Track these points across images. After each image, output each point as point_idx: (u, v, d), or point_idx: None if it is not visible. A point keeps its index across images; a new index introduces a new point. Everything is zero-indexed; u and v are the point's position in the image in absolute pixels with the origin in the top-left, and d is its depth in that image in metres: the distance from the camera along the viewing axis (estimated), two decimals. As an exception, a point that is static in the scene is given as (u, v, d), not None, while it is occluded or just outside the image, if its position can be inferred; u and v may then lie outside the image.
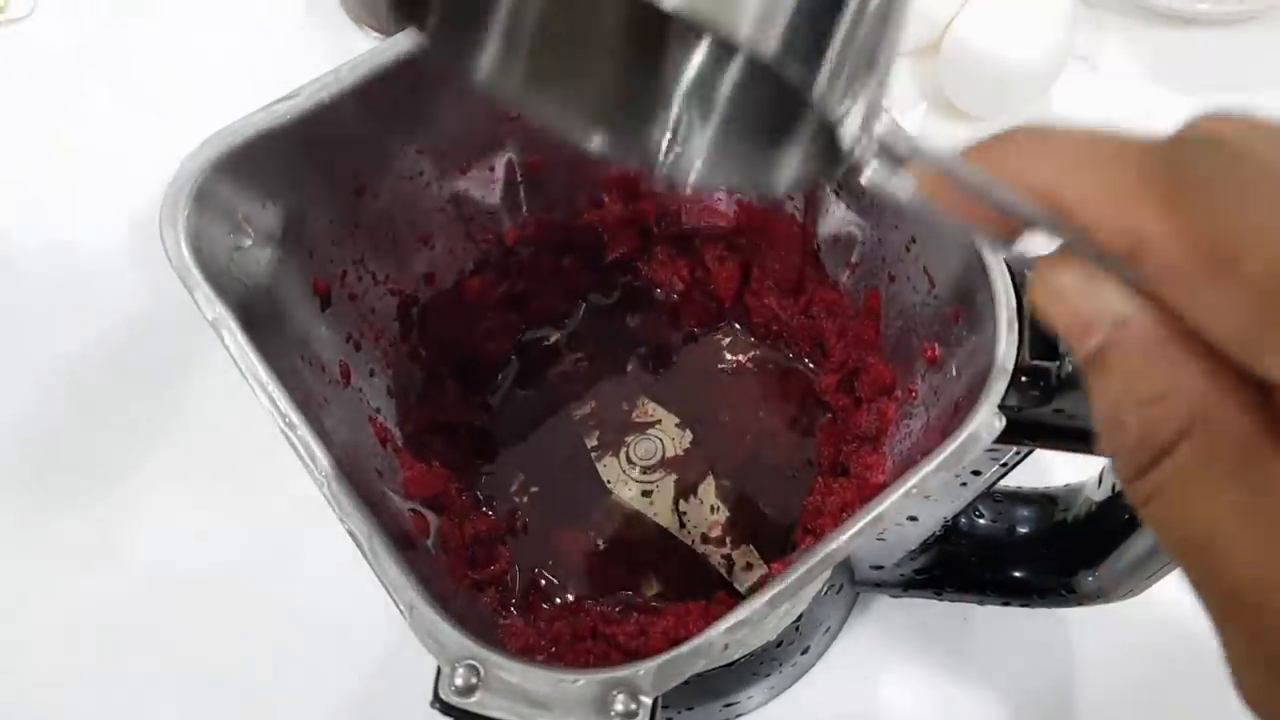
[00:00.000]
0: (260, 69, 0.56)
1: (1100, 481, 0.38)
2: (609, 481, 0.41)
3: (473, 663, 0.24)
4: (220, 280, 0.28)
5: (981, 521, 0.41)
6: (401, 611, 0.25)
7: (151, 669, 0.44)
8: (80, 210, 0.54)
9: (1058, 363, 0.27)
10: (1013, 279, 0.28)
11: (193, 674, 0.43)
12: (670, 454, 0.42)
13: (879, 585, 0.43)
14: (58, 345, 0.50)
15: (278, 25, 0.59)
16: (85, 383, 0.49)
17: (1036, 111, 0.54)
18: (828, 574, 0.30)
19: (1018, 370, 0.27)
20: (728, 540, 0.40)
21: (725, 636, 0.25)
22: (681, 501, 0.41)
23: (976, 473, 0.32)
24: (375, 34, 0.57)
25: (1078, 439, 0.28)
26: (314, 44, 0.58)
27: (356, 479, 0.27)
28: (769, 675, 0.42)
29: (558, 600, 0.38)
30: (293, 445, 0.26)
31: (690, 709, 0.41)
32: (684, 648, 0.25)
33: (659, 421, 0.42)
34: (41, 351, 0.50)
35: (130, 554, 0.45)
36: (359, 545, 0.26)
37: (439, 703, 0.24)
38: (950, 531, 0.40)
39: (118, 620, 0.44)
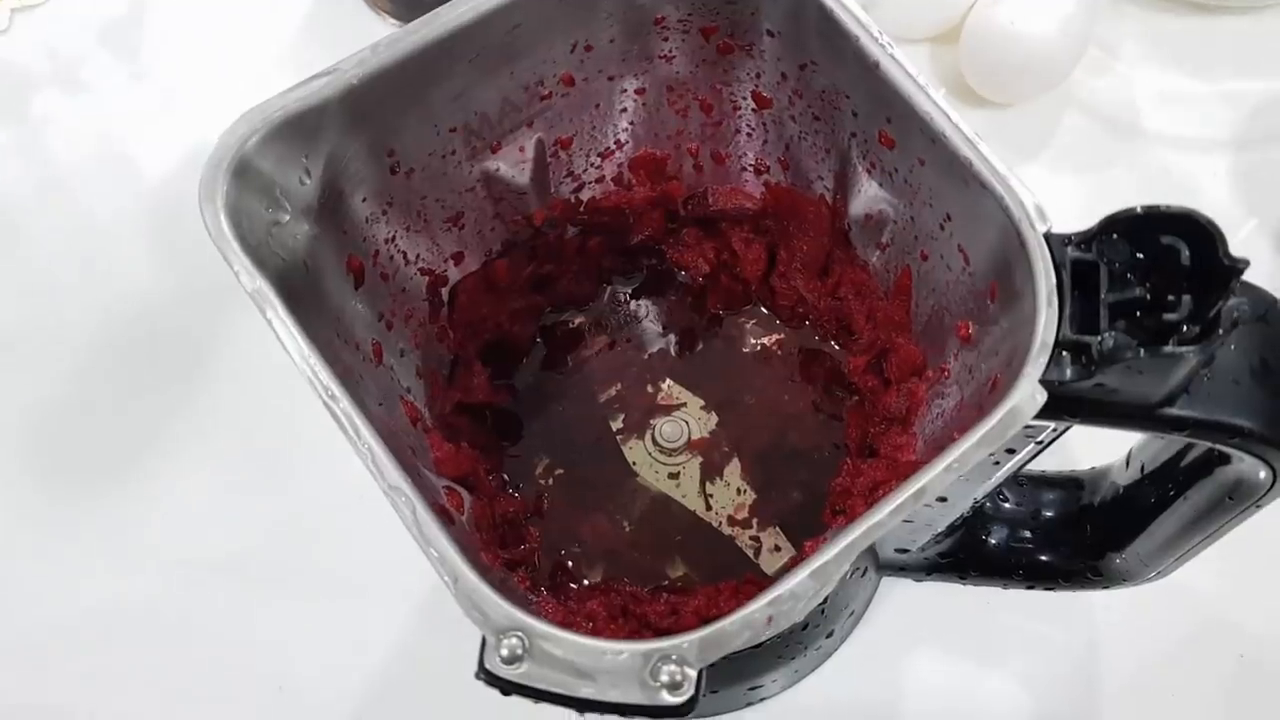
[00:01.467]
0: (276, 52, 0.56)
1: (1128, 463, 0.38)
2: (634, 464, 0.41)
3: (518, 633, 0.24)
4: (259, 253, 0.28)
5: (1006, 505, 0.41)
6: (446, 582, 0.25)
7: (170, 652, 0.43)
8: (96, 193, 0.54)
9: (1099, 337, 0.27)
10: (1051, 252, 0.28)
11: (213, 657, 0.43)
12: (696, 436, 0.41)
13: (903, 569, 0.43)
14: (73, 325, 0.50)
15: (294, 9, 0.58)
16: (100, 362, 0.49)
17: (1056, 98, 0.54)
18: (865, 549, 0.30)
19: (1058, 345, 0.27)
20: (755, 522, 0.40)
21: (769, 609, 0.25)
22: (708, 484, 0.41)
23: (1010, 451, 0.32)
24: (392, 20, 0.57)
25: (1119, 415, 0.28)
26: (328, 29, 0.58)
27: (394, 454, 0.27)
28: (793, 659, 0.42)
29: (585, 582, 0.38)
30: (336, 418, 0.26)
31: (715, 691, 0.41)
32: (728, 620, 0.24)
33: (684, 404, 0.42)
34: (57, 332, 0.50)
35: (147, 534, 0.45)
36: (402, 516, 0.25)
37: (484, 673, 0.24)
38: (975, 515, 0.40)
39: (135, 603, 0.44)
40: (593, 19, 0.34)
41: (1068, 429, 0.31)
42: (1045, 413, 0.27)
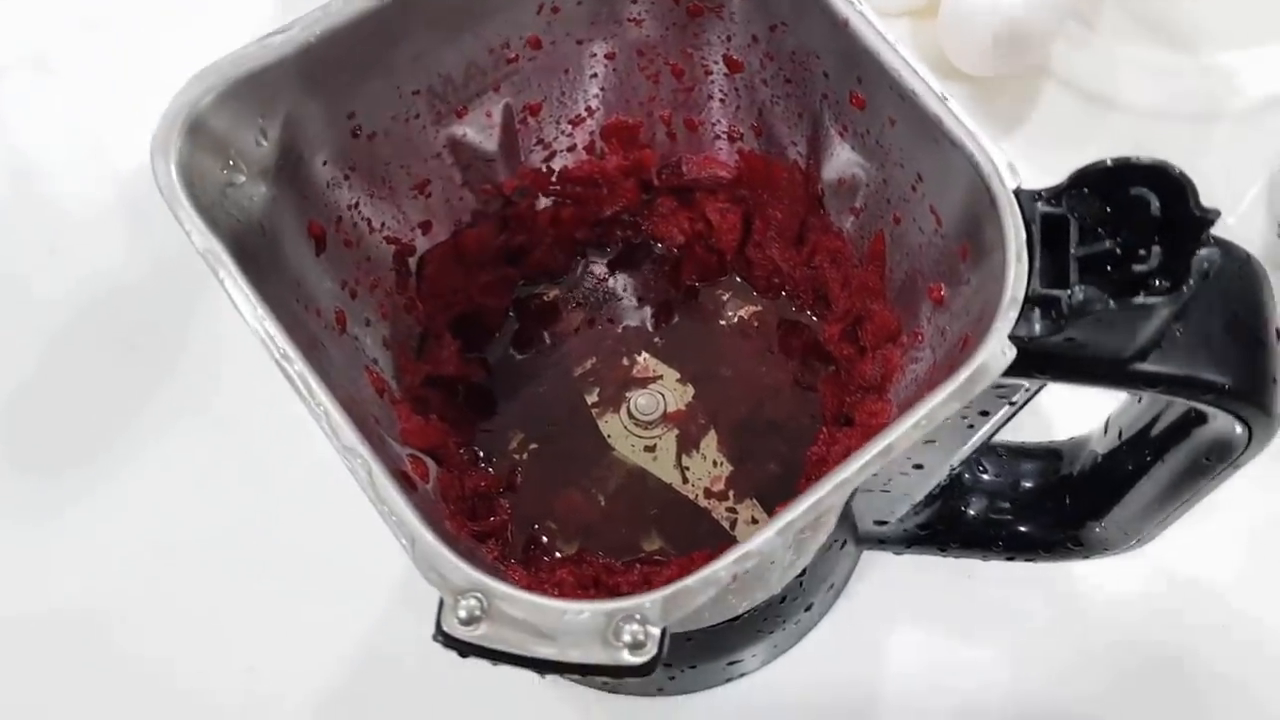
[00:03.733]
0: (245, 18, 0.56)
1: (1105, 430, 0.38)
2: (610, 437, 0.41)
3: (477, 594, 0.24)
4: (213, 215, 0.27)
5: (985, 476, 0.41)
6: (403, 545, 0.24)
7: (140, 635, 0.43)
8: (65, 177, 0.53)
9: (1069, 291, 0.26)
10: (1021, 208, 0.28)
11: (182, 637, 0.43)
12: (672, 409, 0.41)
13: (882, 542, 0.42)
14: (41, 307, 0.49)
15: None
16: (68, 350, 0.49)
17: (1036, 73, 0.53)
18: (836, 515, 0.30)
19: (1028, 300, 0.27)
20: (731, 495, 0.40)
21: (734, 566, 0.24)
22: (684, 457, 0.40)
23: (984, 413, 0.32)
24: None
25: (1090, 372, 0.28)
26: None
27: (355, 420, 0.26)
28: (772, 633, 0.41)
29: (558, 554, 0.38)
30: (289, 378, 0.25)
31: (694, 667, 0.40)
32: (691, 578, 0.24)
33: (660, 377, 0.42)
34: (24, 319, 0.49)
35: (120, 522, 0.45)
36: (358, 478, 0.25)
37: (441, 635, 0.24)
38: (953, 486, 0.40)
39: (105, 588, 0.44)
40: (560, -20, 0.34)
41: (1040, 389, 0.31)
42: (1015, 369, 0.27)
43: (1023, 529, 0.41)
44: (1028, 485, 0.41)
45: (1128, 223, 0.27)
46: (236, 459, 0.46)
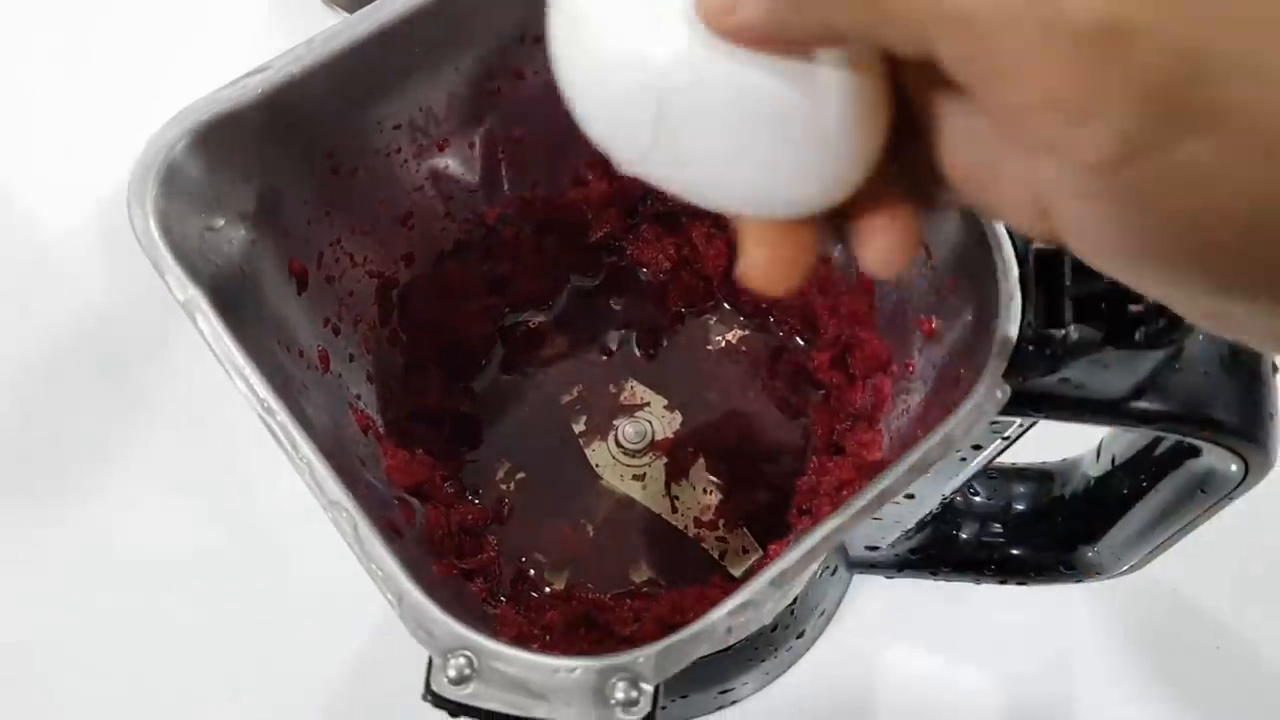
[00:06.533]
0: (226, 46, 0.55)
1: (1098, 455, 0.37)
2: (598, 466, 0.40)
3: (466, 653, 0.23)
4: (191, 261, 0.27)
5: (977, 499, 0.41)
6: (390, 601, 0.24)
7: (129, 666, 0.42)
8: (45, 192, 0.52)
9: (1064, 331, 0.26)
10: (1015, 248, 0.27)
11: (171, 671, 0.42)
12: (660, 436, 0.41)
13: (874, 566, 0.42)
14: (22, 331, 0.48)
15: (245, 2, 0.57)
16: (51, 370, 0.48)
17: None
18: (828, 553, 0.29)
19: (1022, 340, 0.27)
20: (721, 524, 0.39)
21: (728, 619, 0.24)
22: (673, 485, 0.40)
23: (977, 447, 0.31)
24: (344, 12, 0.56)
25: (1086, 410, 0.27)
26: (281, 22, 0.57)
27: (339, 467, 0.26)
28: (764, 661, 0.41)
29: (547, 589, 0.37)
30: (272, 431, 0.25)
31: (684, 696, 0.40)
32: (685, 632, 0.24)
33: (647, 404, 0.41)
34: (5, 338, 0.48)
35: (102, 547, 0.44)
36: (343, 533, 0.24)
37: (431, 695, 0.23)
38: (945, 510, 0.40)
39: (91, 617, 0.43)
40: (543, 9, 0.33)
41: (1034, 424, 0.30)
42: (1009, 409, 0.26)
43: (1015, 552, 0.41)
44: (1020, 508, 0.41)
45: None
46: (219, 480, 0.45)
